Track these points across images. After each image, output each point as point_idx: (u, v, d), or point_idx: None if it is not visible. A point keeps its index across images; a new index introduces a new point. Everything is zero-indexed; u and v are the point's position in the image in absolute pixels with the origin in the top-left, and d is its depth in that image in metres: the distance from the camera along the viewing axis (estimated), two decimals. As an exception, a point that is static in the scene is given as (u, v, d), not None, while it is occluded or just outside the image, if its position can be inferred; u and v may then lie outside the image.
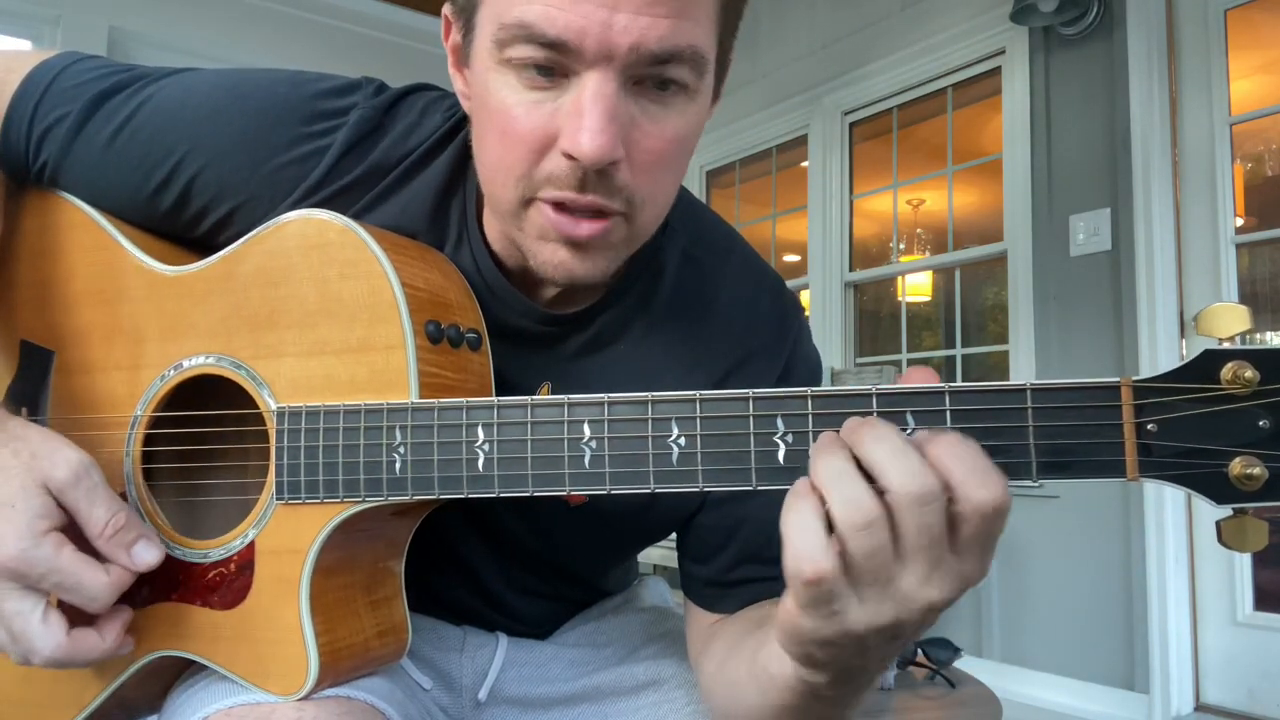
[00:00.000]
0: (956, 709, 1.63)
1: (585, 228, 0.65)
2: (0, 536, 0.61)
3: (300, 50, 4.27)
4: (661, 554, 3.25)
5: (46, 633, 0.62)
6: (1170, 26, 2.93)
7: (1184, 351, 2.84)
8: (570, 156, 0.61)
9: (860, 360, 4.00)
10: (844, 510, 0.48)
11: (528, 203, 0.66)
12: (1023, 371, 3.21)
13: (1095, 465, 0.50)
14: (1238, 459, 0.48)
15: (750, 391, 0.54)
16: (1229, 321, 0.49)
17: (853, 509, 0.48)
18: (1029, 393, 0.51)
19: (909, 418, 0.52)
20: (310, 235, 0.67)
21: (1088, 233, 3.06)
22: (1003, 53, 3.40)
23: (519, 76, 0.62)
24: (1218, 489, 0.49)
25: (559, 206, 0.65)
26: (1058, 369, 3.12)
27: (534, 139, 0.63)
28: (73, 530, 0.64)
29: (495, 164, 0.66)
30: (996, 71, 3.46)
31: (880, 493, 0.48)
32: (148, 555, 0.65)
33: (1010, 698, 3.00)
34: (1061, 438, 0.50)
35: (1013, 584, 3.20)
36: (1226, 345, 0.49)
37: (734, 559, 0.79)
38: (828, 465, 0.49)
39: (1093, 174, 3.08)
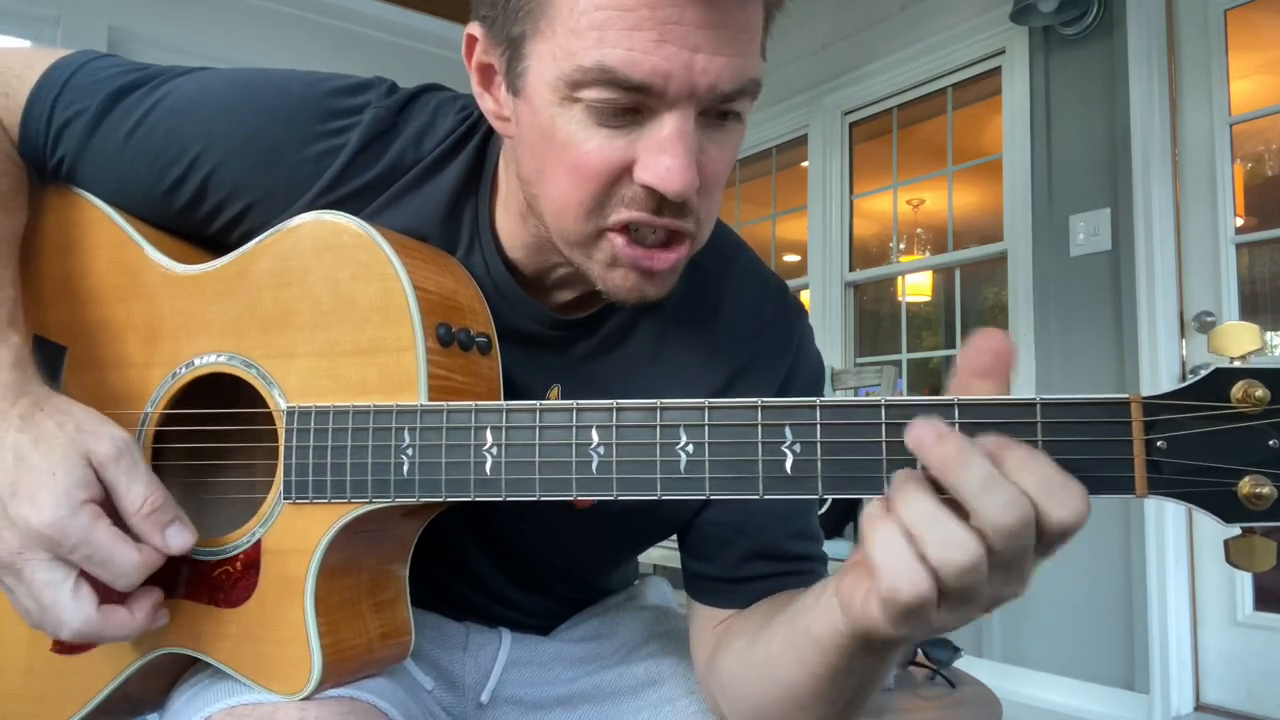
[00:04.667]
0: (956, 709, 1.64)
1: (660, 259, 0.66)
2: (38, 502, 0.61)
3: (301, 50, 4.27)
4: (662, 554, 3.25)
5: (76, 604, 0.62)
6: (1170, 26, 2.93)
7: (1184, 353, 2.84)
8: (650, 188, 0.62)
9: (860, 360, 3.99)
10: (943, 552, 0.47)
11: (598, 233, 0.66)
12: (1023, 372, 3.21)
13: (1104, 481, 0.50)
14: (1247, 478, 0.48)
15: (759, 400, 0.54)
16: (1241, 340, 0.49)
17: (955, 550, 0.47)
18: (1039, 407, 0.51)
19: None
20: (324, 237, 0.68)
21: (1088, 233, 3.06)
22: (1003, 53, 3.40)
23: (589, 112, 0.62)
24: (1226, 508, 0.49)
25: (630, 235, 0.66)
26: (1058, 369, 3.13)
27: (609, 172, 0.63)
28: (108, 509, 0.64)
29: (565, 198, 0.66)
30: (996, 71, 3.46)
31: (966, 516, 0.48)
32: (180, 539, 0.65)
33: (1010, 698, 3.00)
34: (1070, 453, 0.50)
35: (1012, 584, 3.20)
36: (1238, 364, 0.49)
37: (742, 556, 0.79)
38: (914, 506, 0.49)
39: (1093, 174, 3.08)
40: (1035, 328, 3.19)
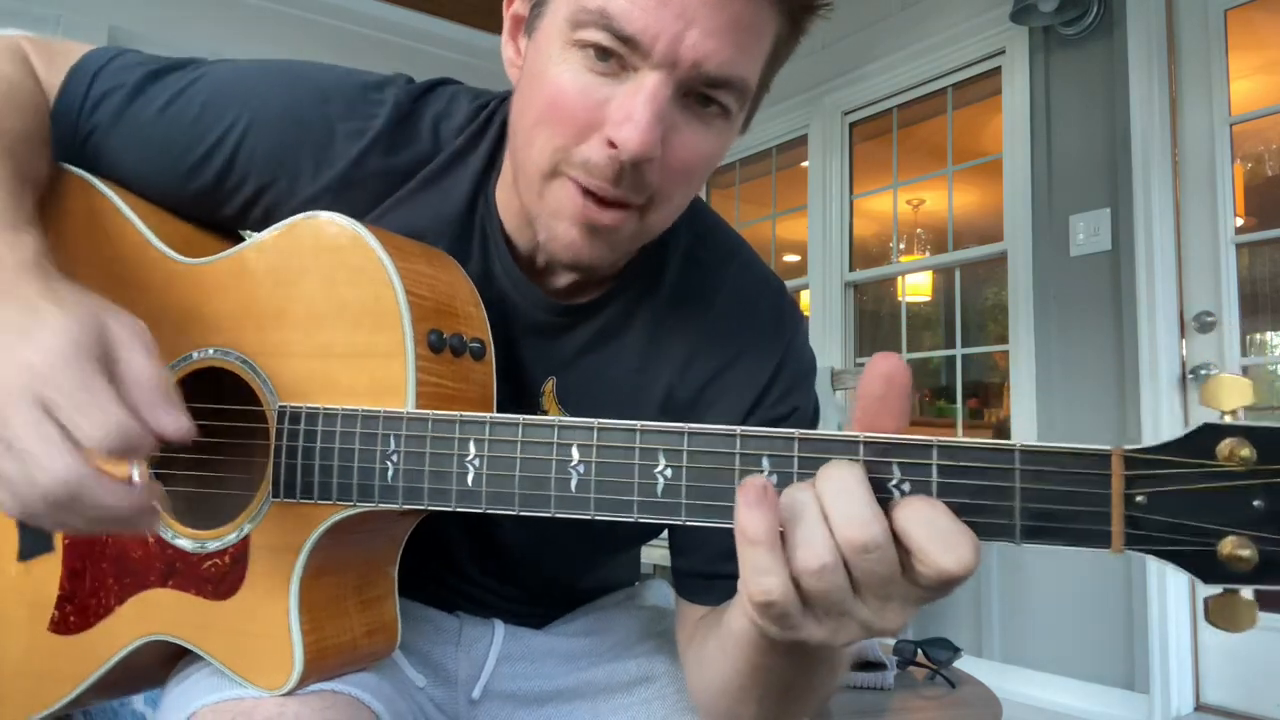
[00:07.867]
0: (956, 709, 1.63)
1: (608, 216, 0.68)
2: (41, 345, 0.55)
3: (302, 51, 4.26)
4: (662, 554, 3.25)
5: (61, 451, 0.53)
6: (1170, 26, 2.93)
7: (1184, 353, 2.84)
8: (613, 145, 0.64)
9: (860, 360, 3.99)
10: (799, 552, 0.49)
11: (554, 174, 0.68)
12: (1023, 372, 3.21)
13: (1080, 533, 0.49)
14: (1229, 538, 0.47)
15: (738, 429, 0.54)
16: (1233, 395, 0.47)
17: (807, 552, 0.49)
18: (1018, 453, 0.49)
19: (895, 468, 0.51)
20: (322, 238, 0.69)
21: (1088, 233, 3.06)
22: (1003, 53, 3.40)
23: (583, 58, 0.65)
24: (1206, 567, 0.47)
25: (587, 192, 0.67)
26: (1058, 369, 3.13)
27: (581, 118, 0.66)
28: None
29: (533, 128, 0.68)
30: (996, 71, 3.46)
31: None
32: (177, 422, 0.57)
33: (1010, 698, 3.00)
34: (1048, 502, 0.49)
35: (1013, 584, 3.21)
36: (1228, 419, 0.47)
37: (719, 554, 0.79)
38: (791, 501, 0.50)
39: (1093, 174, 3.08)
40: (1035, 328, 3.19)
